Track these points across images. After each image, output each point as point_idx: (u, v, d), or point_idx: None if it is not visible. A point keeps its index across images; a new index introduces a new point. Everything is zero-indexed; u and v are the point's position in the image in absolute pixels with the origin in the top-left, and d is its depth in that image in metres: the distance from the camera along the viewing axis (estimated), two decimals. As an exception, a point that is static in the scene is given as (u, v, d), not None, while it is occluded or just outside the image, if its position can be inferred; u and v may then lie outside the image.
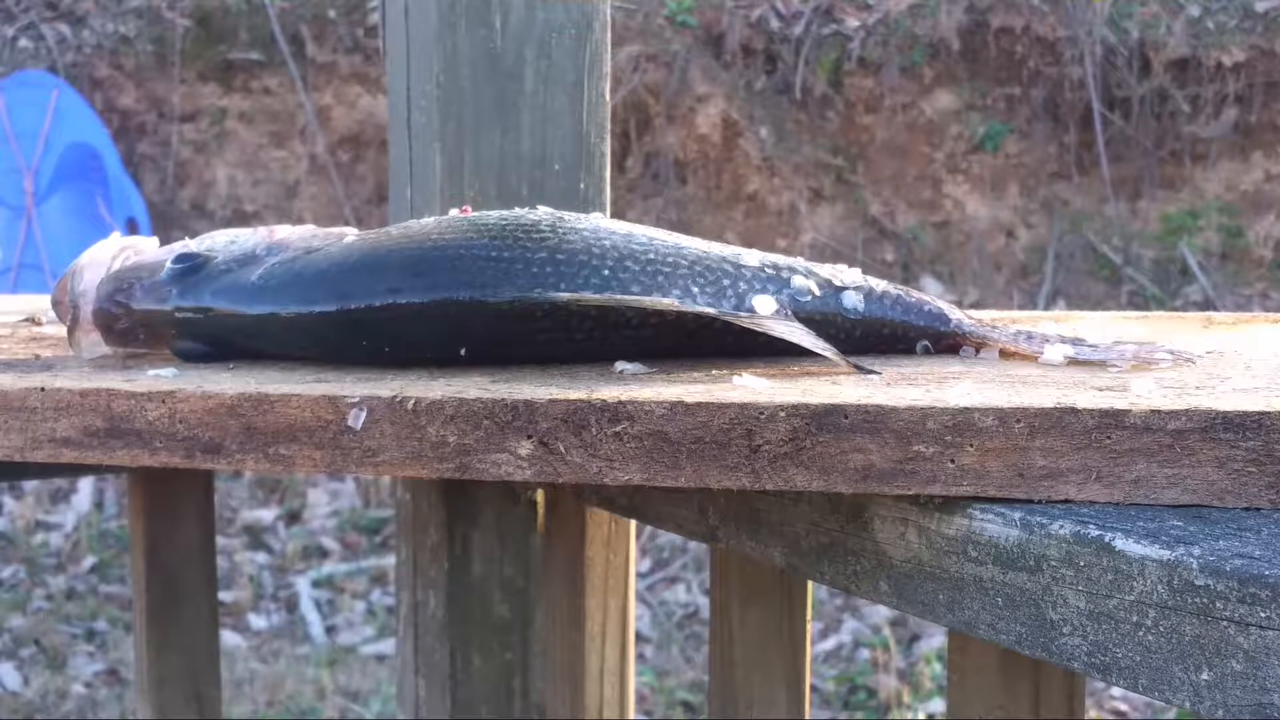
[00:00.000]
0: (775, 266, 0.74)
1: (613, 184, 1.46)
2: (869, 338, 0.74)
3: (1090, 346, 0.72)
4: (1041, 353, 0.71)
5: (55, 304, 0.79)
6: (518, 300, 0.70)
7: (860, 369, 0.67)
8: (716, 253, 0.74)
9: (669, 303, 0.69)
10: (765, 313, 0.71)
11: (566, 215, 0.75)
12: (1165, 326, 0.87)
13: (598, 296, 0.69)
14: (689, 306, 0.69)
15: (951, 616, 0.59)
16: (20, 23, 5.36)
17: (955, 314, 0.75)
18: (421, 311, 0.71)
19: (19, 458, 0.71)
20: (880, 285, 0.75)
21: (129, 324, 0.77)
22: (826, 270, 0.75)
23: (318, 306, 0.72)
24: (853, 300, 0.74)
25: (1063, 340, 0.74)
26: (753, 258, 0.74)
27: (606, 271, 0.71)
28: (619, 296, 0.70)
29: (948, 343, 0.75)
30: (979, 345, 0.74)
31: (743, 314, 0.70)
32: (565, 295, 0.69)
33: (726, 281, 0.72)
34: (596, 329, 0.71)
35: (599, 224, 0.74)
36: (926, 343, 0.74)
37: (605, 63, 0.98)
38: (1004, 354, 0.74)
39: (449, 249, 0.71)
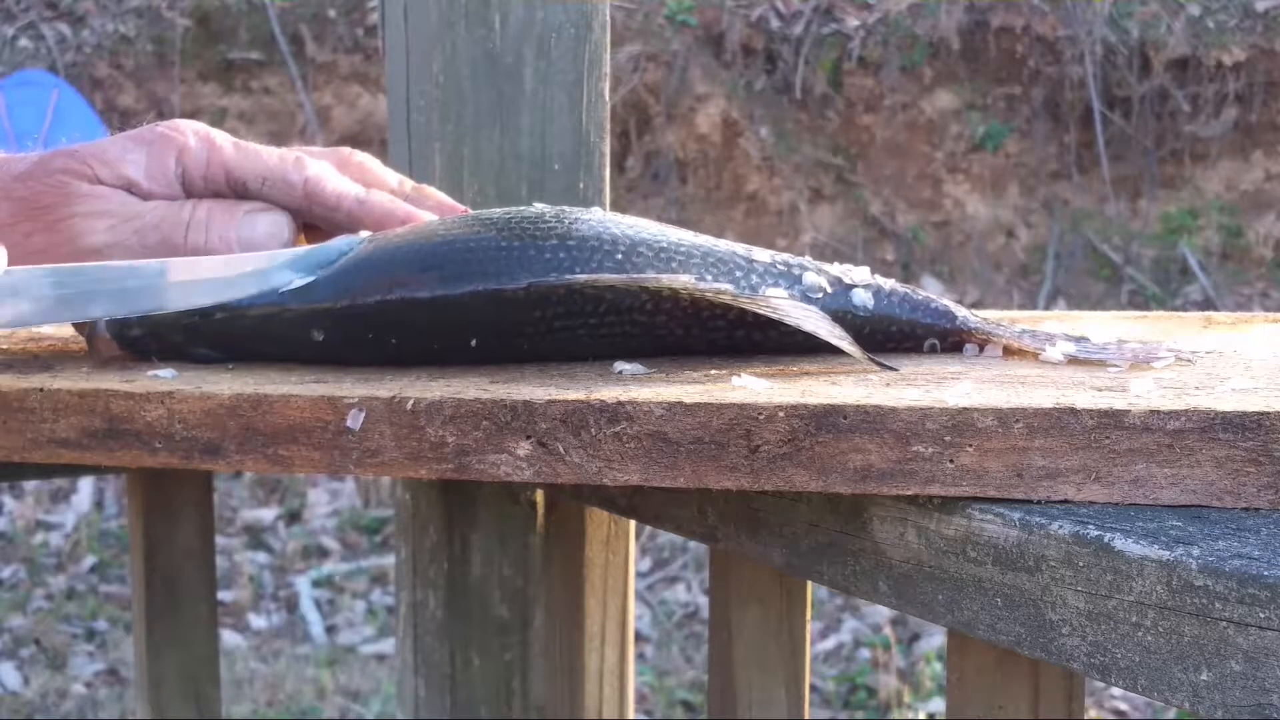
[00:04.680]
0: (786, 263, 0.74)
1: (613, 184, 1.46)
2: (877, 335, 0.74)
3: (1094, 346, 0.72)
4: (1044, 350, 0.71)
5: None
6: (533, 285, 0.69)
7: (878, 364, 0.67)
8: (726, 247, 0.74)
9: (686, 279, 0.69)
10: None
11: (567, 208, 0.75)
12: (1165, 326, 0.87)
13: (616, 276, 0.69)
14: (708, 285, 0.69)
15: (951, 617, 0.59)
16: (20, 23, 5.36)
17: (961, 311, 0.75)
18: (432, 303, 0.70)
19: (18, 458, 0.71)
20: (888, 284, 0.75)
21: (142, 332, 0.77)
22: (836, 269, 0.75)
23: (324, 303, 0.72)
24: (862, 298, 0.73)
25: (1067, 339, 0.74)
26: (763, 254, 0.74)
27: (620, 256, 0.71)
28: (637, 276, 0.69)
29: (954, 339, 0.74)
30: (984, 342, 0.74)
31: (759, 297, 0.70)
32: (583, 277, 0.69)
33: (740, 273, 0.72)
34: (610, 314, 0.71)
35: (603, 216, 0.74)
36: (934, 340, 0.74)
37: (605, 62, 0.98)
38: (1008, 351, 0.73)
39: (457, 242, 0.71)
